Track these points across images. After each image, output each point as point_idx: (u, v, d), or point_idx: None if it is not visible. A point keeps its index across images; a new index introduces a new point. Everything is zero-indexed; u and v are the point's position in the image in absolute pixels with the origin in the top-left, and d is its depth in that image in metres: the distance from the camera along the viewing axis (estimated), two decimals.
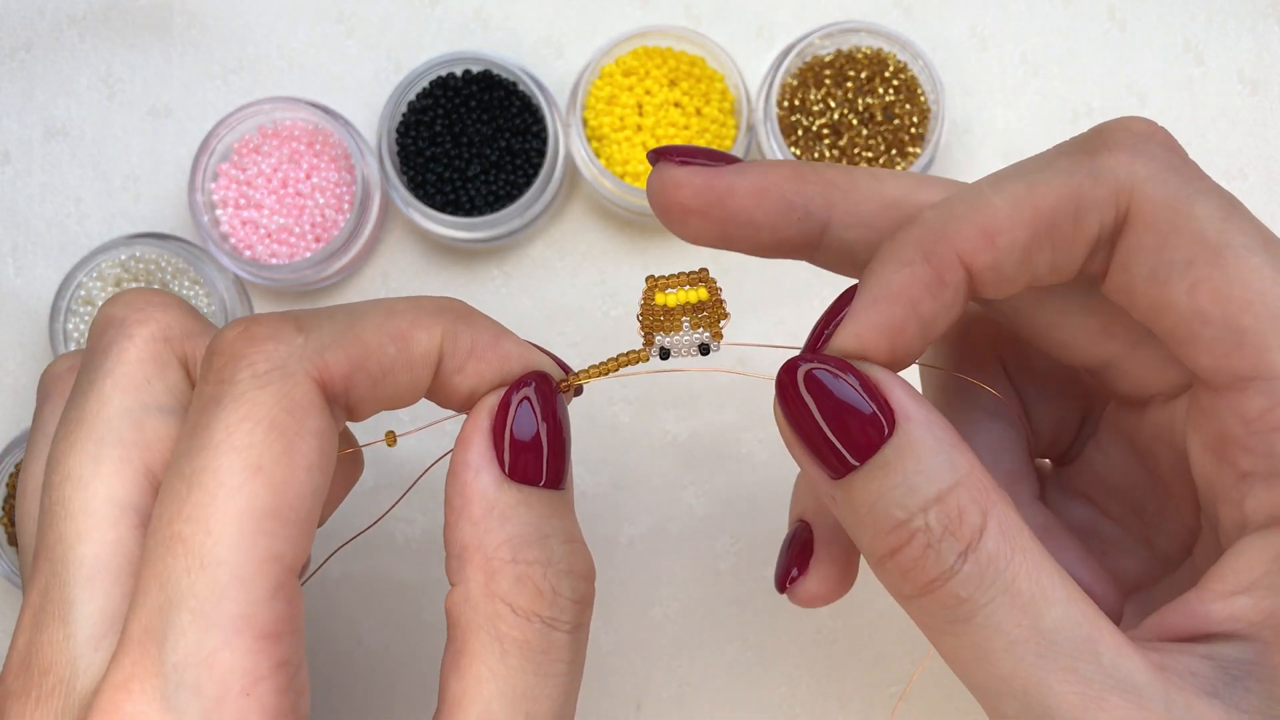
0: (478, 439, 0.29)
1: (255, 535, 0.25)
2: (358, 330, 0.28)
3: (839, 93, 0.49)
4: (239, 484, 0.25)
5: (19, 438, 0.48)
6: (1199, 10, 0.52)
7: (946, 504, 0.26)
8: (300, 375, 0.27)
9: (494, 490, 0.28)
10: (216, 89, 0.52)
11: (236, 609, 0.25)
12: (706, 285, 0.30)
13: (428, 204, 0.49)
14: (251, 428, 0.26)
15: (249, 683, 0.25)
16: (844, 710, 0.49)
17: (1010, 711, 0.26)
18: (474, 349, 0.30)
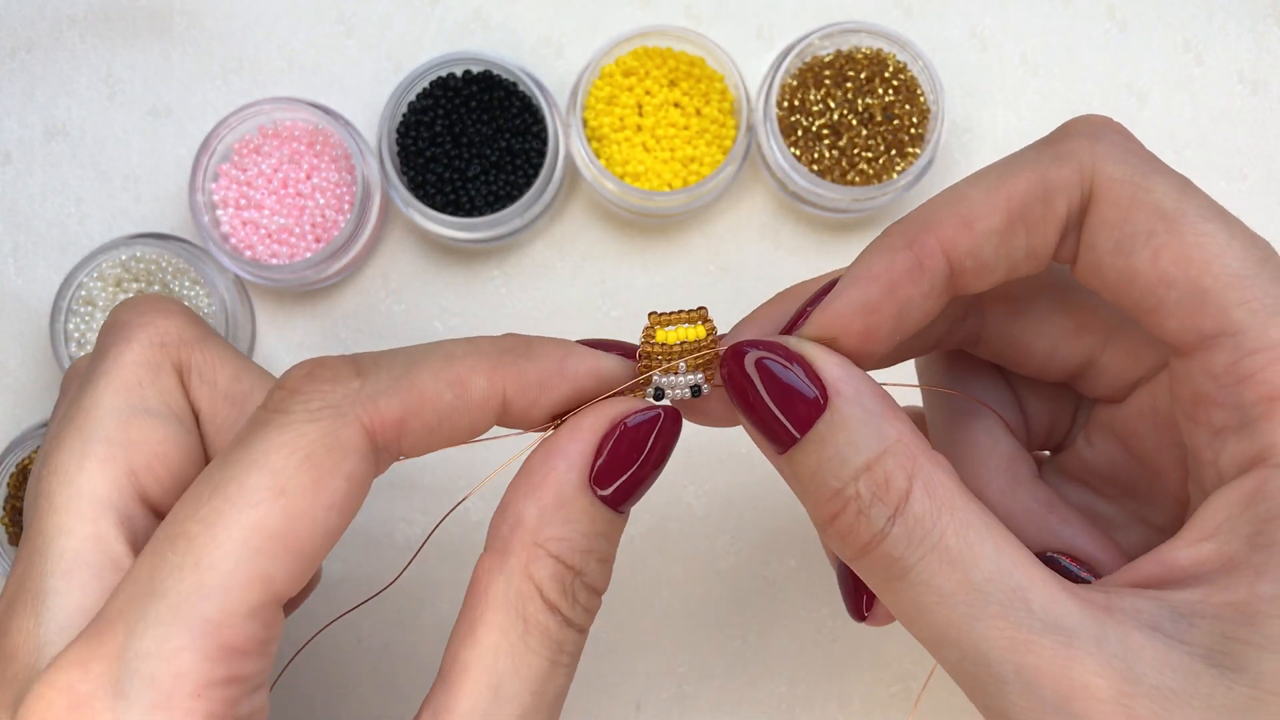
0: (585, 437, 0.30)
1: (256, 553, 0.26)
2: (414, 377, 0.29)
3: (839, 93, 0.49)
4: (258, 501, 0.26)
5: (19, 438, 0.48)
6: (1199, 10, 0.52)
7: (874, 471, 0.28)
8: (350, 418, 0.28)
9: (574, 490, 0.29)
10: (217, 89, 0.52)
11: (211, 614, 0.25)
12: (705, 325, 0.31)
13: (428, 204, 0.49)
14: (289, 455, 0.27)
15: (201, 686, 0.25)
16: (844, 710, 0.49)
17: (950, 659, 0.27)
18: (542, 383, 0.30)
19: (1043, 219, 0.29)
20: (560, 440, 0.30)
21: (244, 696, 0.26)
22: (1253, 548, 0.26)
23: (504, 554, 0.29)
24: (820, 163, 0.49)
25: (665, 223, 0.51)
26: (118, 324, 0.32)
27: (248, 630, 0.25)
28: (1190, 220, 0.27)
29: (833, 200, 0.49)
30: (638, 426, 0.30)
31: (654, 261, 0.51)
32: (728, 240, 0.51)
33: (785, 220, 0.51)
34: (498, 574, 0.28)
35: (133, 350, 0.31)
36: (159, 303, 0.32)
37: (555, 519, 0.29)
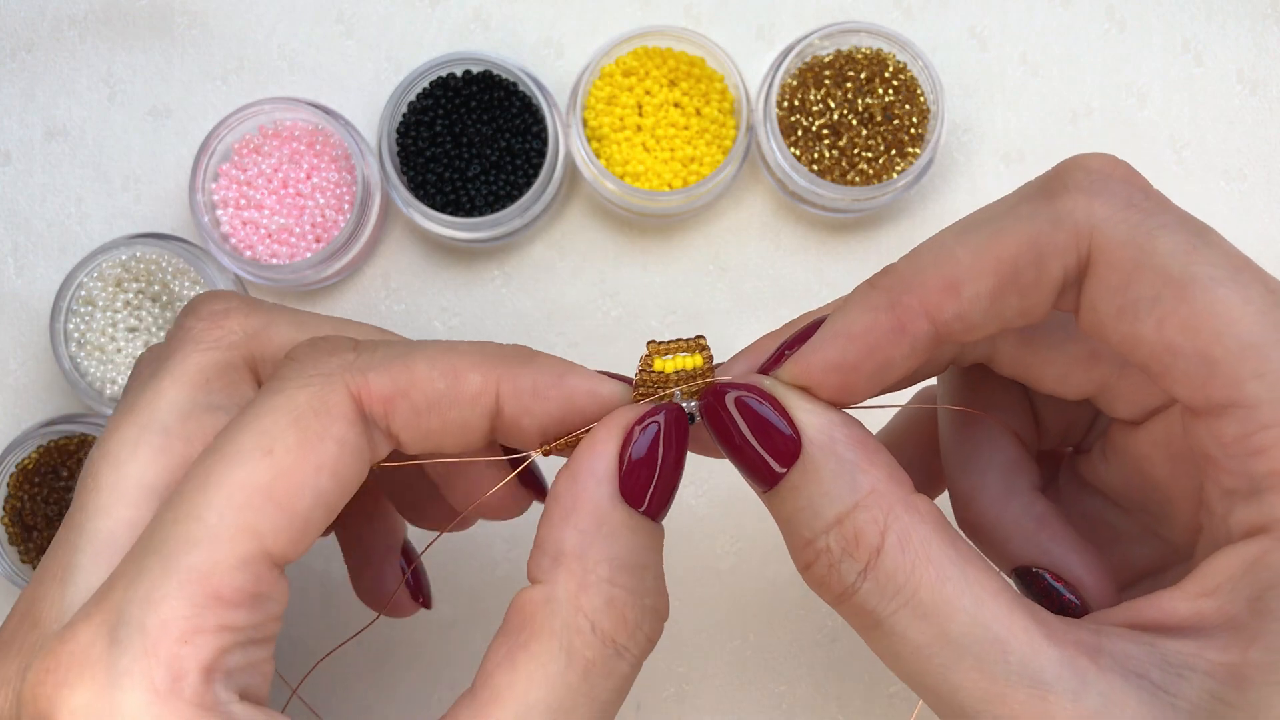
0: (608, 450, 0.29)
1: (242, 507, 0.26)
2: (409, 359, 0.29)
3: (839, 93, 0.49)
4: (246, 460, 0.27)
5: (19, 437, 0.48)
6: (1199, 10, 0.52)
7: (844, 526, 0.27)
8: (339, 384, 0.28)
9: (609, 505, 0.28)
10: (217, 89, 0.52)
11: (198, 564, 0.26)
12: (702, 354, 0.31)
13: (428, 204, 0.49)
14: (278, 418, 0.27)
15: (189, 632, 0.25)
16: (844, 710, 0.49)
17: (929, 702, 0.27)
18: (537, 390, 0.30)
19: (1035, 283, 0.27)
20: (581, 460, 0.29)
21: (235, 647, 0.26)
22: (1252, 613, 0.25)
23: (551, 584, 0.28)
24: (820, 163, 0.49)
25: (665, 223, 0.51)
26: (184, 331, 0.32)
27: (235, 581, 0.26)
28: (1200, 284, 0.26)
29: (833, 200, 0.49)
30: (650, 430, 0.29)
31: (654, 261, 0.51)
32: (728, 240, 0.51)
33: (785, 220, 0.51)
34: (544, 604, 0.28)
35: (199, 354, 0.31)
36: (218, 301, 0.33)
37: (598, 539, 0.28)
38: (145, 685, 0.25)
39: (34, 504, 0.48)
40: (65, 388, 0.51)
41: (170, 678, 0.25)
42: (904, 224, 0.51)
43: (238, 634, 0.26)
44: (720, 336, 0.51)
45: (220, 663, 0.26)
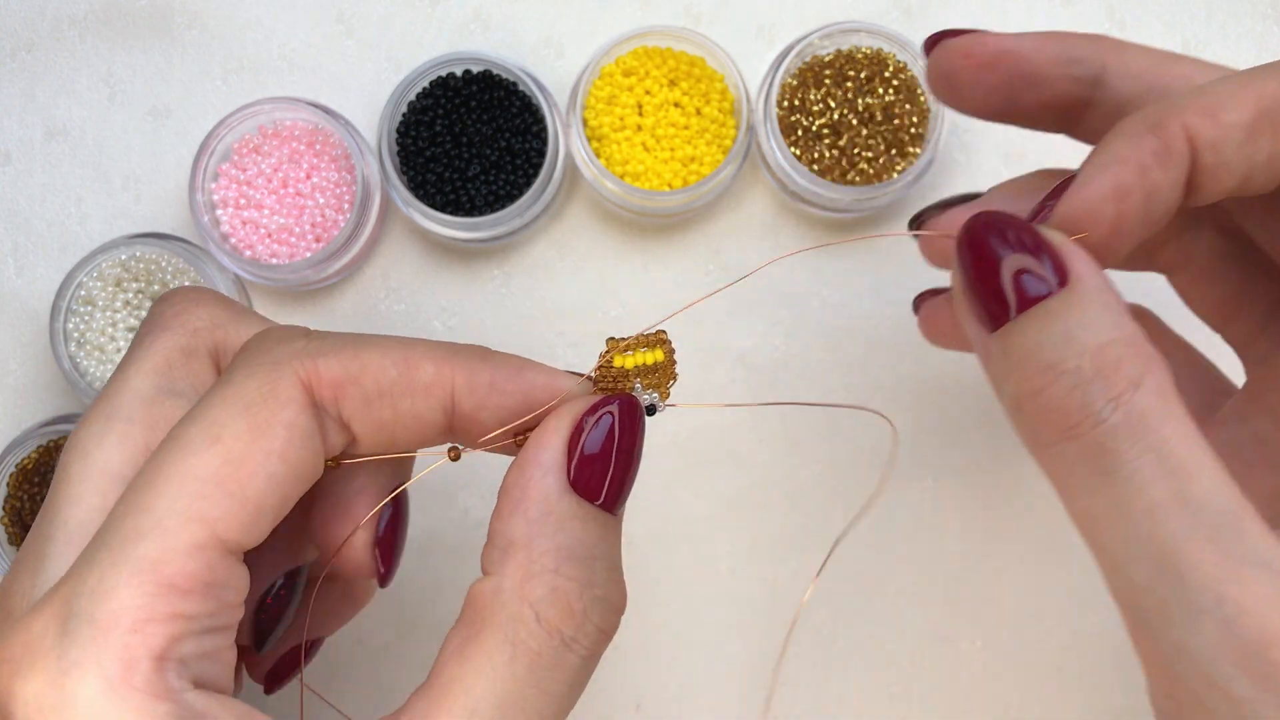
0: (554, 441, 0.29)
1: (191, 496, 0.26)
2: (361, 347, 0.29)
3: (839, 93, 0.49)
4: (193, 449, 0.27)
5: (19, 437, 0.48)
6: (1199, 10, 0.52)
7: (1105, 352, 0.25)
8: (287, 370, 0.28)
9: (556, 495, 0.28)
10: (217, 89, 0.52)
11: (147, 553, 0.26)
12: (663, 347, 0.31)
13: (428, 204, 0.49)
14: (226, 406, 0.28)
15: (139, 621, 0.25)
16: (844, 710, 0.49)
17: (1140, 576, 0.25)
18: (494, 384, 0.30)
19: None
20: (529, 451, 0.29)
21: (189, 635, 0.26)
22: None
23: (498, 575, 0.28)
24: (820, 163, 0.49)
25: (665, 223, 0.51)
26: (153, 316, 0.33)
27: (187, 568, 0.26)
28: None
29: (833, 200, 0.49)
30: (603, 421, 0.29)
31: (654, 261, 0.51)
32: (728, 240, 0.51)
33: (785, 220, 0.51)
34: (492, 596, 0.28)
35: (166, 337, 0.32)
36: (191, 292, 0.33)
37: (545, 529, 0.28)
38: (96, 674, 0.25)
39: (34, 504, 0.48)
40: (65, 388, 0.51)
41: (121, 667, 0.25)
42: (904, 224, 0.51)
43: (191, 622, 0.26)
44: (720, 336, 0.51)
45: (173, 650, 0.26)
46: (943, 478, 0.50)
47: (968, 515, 0.50)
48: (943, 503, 0.50)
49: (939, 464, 0.50)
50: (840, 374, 0.51)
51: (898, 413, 0.51)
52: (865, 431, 0.51)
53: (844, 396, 0.51)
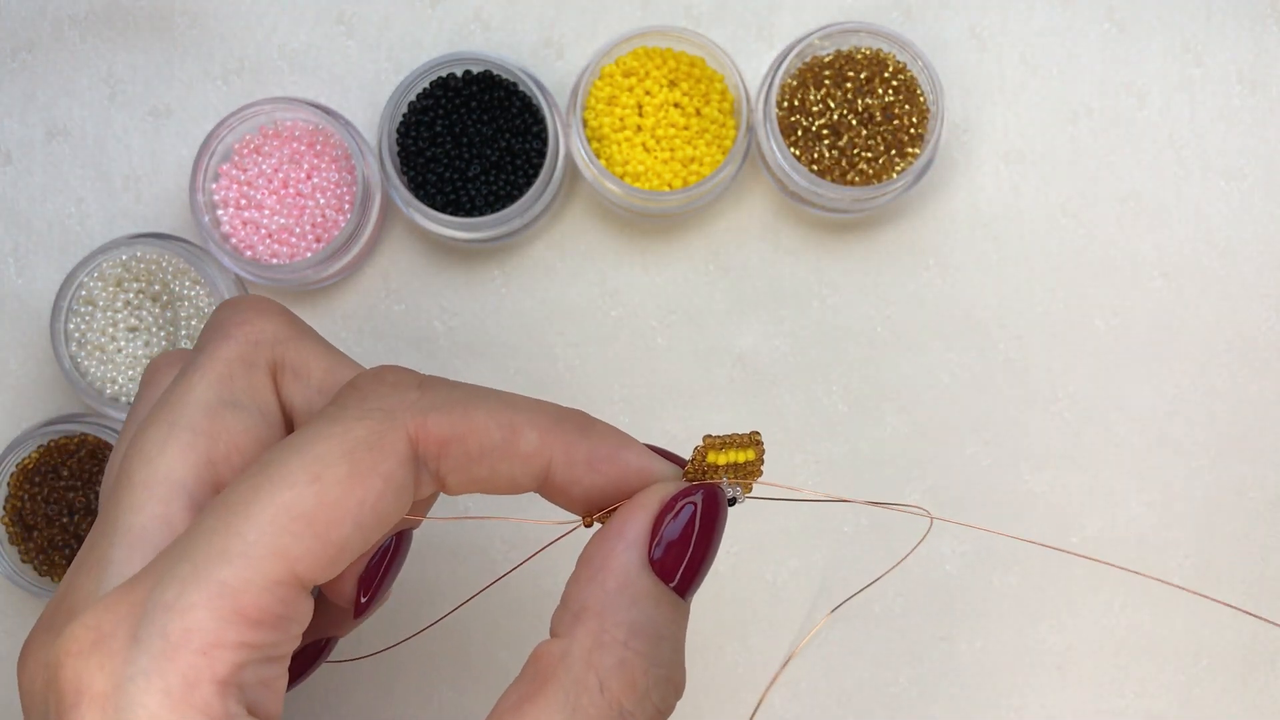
0: (641, 519, 0.30)
1: (280, 531, 0.27)
2: (470, 406, 0.30)
3: (838, 93, 0.49)
4: (293, 483, 0.27)
5: (19, 437, 0.48)
6: (1198, 10, 0.52)
7: None
8: (398, 423, 0.29)
9: (635, 571, 0.29)
10: (217, 89, 0.52)
11: (228, 579, 0.26)
12: (756, 449, 0.31)
13: (428, 204, 0.49)
14: (333, 445, 0.28)
15: (208, 644, 0.26)
16: (844, 710, 0.49)
17: None
18: (591, 461, 0.30)
19: None
20: (616, 525, 0.30)
21: (250, 664, 0.26)
22: None
23: (568, 639, 0.28)
24: (820, 163, 0.49)
25: (665, 223, 0.51)
26: (217, 323, 0.33)
27: (262, 600, 0.26)
28: None
29: (833, 200, 0.49)
30: (688, 506, 0.30)
31: (654, 261, 0.51)
32: (728, 240, 0.51)
33: (785, 220, 0.51)
34: (559, 658, 0.28)
35: (228, 347, 0.32)
36: (258, 302, 0.33)
37: (621, 602, 0.29)
38: (159, 688, 0.25)
39: (34, 504, 0.49)
40: (65, 387, 0.51)
41: (184, 685, 0.25)
42: (904, 224, 0.51)
43: (256, 651, 0.27)
44: (720, 336, 0.51)
45: (235, 677, 0.26)
46: (941, 478, 0.50)
47: (966, 515, 0.50)
48: (941, 503, 0.50)
49: (938, 464, 0.50)
50: (840, 374, 0.51)
51: (897, 412, 0.51)
52: (865, 431, 0.51)
53: (843, 397, 0.51)
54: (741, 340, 0.51)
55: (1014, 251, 0.51)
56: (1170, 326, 0.51)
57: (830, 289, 0.51)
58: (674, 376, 0.51)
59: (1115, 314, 0.51)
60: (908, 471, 0.50)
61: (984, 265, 0.51)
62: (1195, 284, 0.51)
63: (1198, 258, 0.51)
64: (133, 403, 0.35)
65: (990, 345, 0.51)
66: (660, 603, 0.29)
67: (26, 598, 0.50)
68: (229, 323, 0.33)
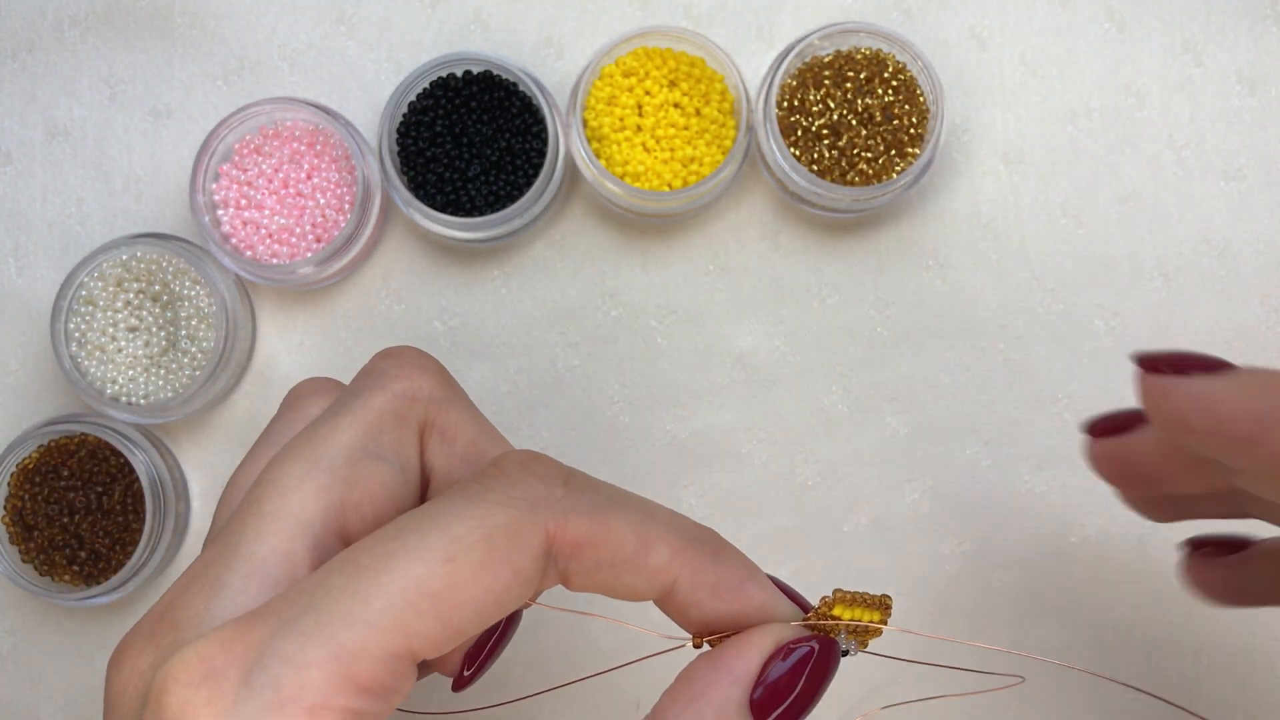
0: (754, 656, 0.29)
1: (406, 606, 0.27)
2: (611, 514, 0.29)
3: (838, 93, 0.49)
4: (428, 559, 0.27)
5: (19, 437, 0.48)
6: (1198, 11, 0.52)
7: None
8: (539, 519, 0.28)
9: (734, 707, 0.29)
10: (218, 89, 0.52)
11: (348, 643, 0.26)
12: (884, 613, 0.31)
13: (428, 204, 0.49)
14: (473, 528, 0.28)
15: (316, 705, 0.26)
16: (844, 710, 0.49)
17: None
18: (716, 588, 0.30)
19: None
20: (728, 657, 0.29)
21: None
22: None
23: None
24: (820, 163, 0.49)
25: (665, 223, 0.51)
26: (377, 371, 0.33)
27: (375, 671, 0.26)
28: None
29: (833, 200, 0.49)
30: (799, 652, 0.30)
31: (654, 261, 0.51)
32: (728, 240, 0.51)
33: (785, 220, 0.51)
34: None
35: (383, 398, 0.32)
36: (419, 358, 0.33)
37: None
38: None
39: (34, 504, 0.49)
40: (65, 387, 0.51)
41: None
42: (904, 224, 0.51)
43: (358, 718, 0.27)
44: (720, 336, 0.51)
45: None
46: (941, 478, 0.50)
47: (966, 515, 0.50)
48: (941, 503, 0.50)
49: (938, 464, 0.50)
50: (840, 374, 0.51)
51: (897, 412, 0.51)
52: (865, 431, 0.51)
53: (842, 397, 0.51)
54: (741, 340, 0.51)
55: (1014, 251, 0.51)
56: (1170, 326, 0.51)
57: (830, 289, 0.51)
58: (674, 376, 0.51)
59: (1115, 314, 0.51)
60: (908, 471, 0.50)
61: (984, 265, 0.51)
62: (1195, 284, 0.51)
63: (1197, 258, 0.51)
64: (271, 422, 0.35)
65: (990, 345, 0.51)
66: None
67: (26, 598, 0.50)
68: (389, 375, 0.33)
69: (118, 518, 0.48)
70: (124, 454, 0.48)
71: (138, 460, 0.48)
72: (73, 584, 0.49)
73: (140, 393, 0.48)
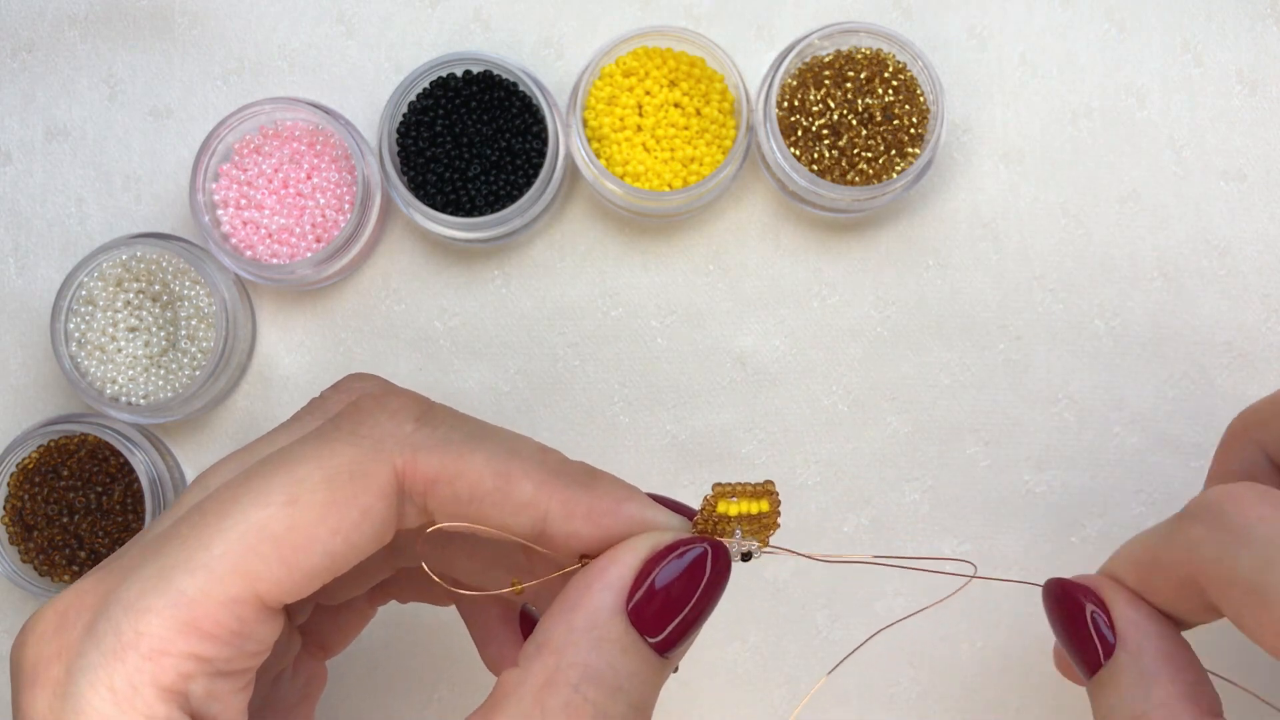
0: (627, 560, 0.28)
1: (247, 550, 0.27)
2: (467, 449, 0.29)
3: (838, 93, 0.49)
4: (269, 502, 0.27)
5: (19, 437, 0.48)
6: (1198, 11, 0.52)
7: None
8: (385, 455, 0.28)
9: (606, 614, 0.28)
10: (217, 89, 0.52)
11: (186, 589, 0.26)
12: (769, 499, 0.29)
13: (428, 204, 0.49)
14: (314, 470, 0.27)
15: (156, 650, 0.26)
16: (844, 710, 0.49)
17: None
18: (591, 515, 0.29)
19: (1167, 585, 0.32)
20: (600, 563, 0.28)
21: (200, 676, 0.27)
22: None
23: (526, 670, 0.27)
24: (820, 163, 0.49)
25: (665, 223, 0.51)
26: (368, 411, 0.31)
27: (218, 615, 0.26)
28: None
29: (833, 200, 0.49)
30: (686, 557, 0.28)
31: (654, 261, 0.51)
32: (728, 240, 0.51)
33: (785, 220, 0.51)
34: (514, 688, 0.27)
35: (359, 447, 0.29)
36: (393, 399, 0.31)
37: (583, 643, 0.27)
38: (105, 684, 0.26)
39: (34, 504, 0.49)
40: (65, 388, 0.51)
41: (129, 686, 0.26)
42: (904, 224, 0.51)
43: (205, 664, 0.27)
44: (720, 336, 0.51)
45: (180, 685, 0.26)
46: (941, 478, 0.50)
47: (966, 515, 0.50)
48: (941, 503, 0.50)
49: (937, 464, 0.50)
50: (840, 374, 0.51)
51: (897, 412, 0.51)
52: (865, 431, 0.51)
53: (842, 397, 0.51)
54: (741, 340, 0.51)
55: (1014, 251, 0.51)
56: (1170, 326, 0.51)
57: (830, 289, 0.51)
58: (674, 376, 0.51)
59: (1115, 314, 0.51)
60: (908, 471, 0.50)
61: (984, 265, 0.51)
62: (1195, 284, 0.51)
63: (1197, 258, 0.51)
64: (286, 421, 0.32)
65: (990, 345, 0.51)
66: (628, 653, 0.28)
67: (26, 598, 0.50)
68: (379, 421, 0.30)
69: (117, 518, 0.48)
70: (124, 454, 0.48)
71: (137, 460, 0.48)
72: None
73: (140, 393, 0.48)
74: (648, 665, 0.28)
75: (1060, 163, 0.51)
